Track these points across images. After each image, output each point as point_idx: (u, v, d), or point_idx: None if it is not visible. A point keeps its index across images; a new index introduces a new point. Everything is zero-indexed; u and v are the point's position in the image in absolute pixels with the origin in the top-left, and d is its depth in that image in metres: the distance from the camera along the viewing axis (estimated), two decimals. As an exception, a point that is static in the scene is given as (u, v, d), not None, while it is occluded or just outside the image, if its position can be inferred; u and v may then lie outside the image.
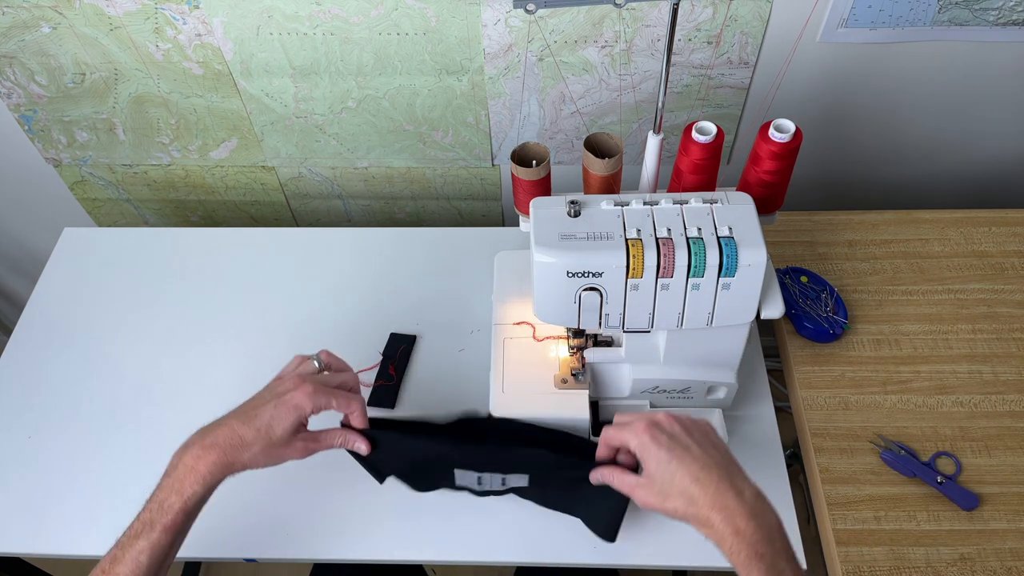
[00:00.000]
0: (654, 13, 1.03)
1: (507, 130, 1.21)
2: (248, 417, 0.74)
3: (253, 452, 0.73)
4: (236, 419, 0.74)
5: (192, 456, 0.72)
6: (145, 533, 0.70)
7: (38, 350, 1.08)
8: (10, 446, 0.99)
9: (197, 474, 0.71)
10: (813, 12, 1.02)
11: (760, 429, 0.96)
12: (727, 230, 0.73)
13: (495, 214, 1.40)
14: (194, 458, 0.72)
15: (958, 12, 1.01)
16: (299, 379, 0.76)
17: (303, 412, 0.74)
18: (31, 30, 1.10)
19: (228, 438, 0.73)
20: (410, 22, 1.05)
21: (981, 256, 1.09)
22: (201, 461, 0.72)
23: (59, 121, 1.25)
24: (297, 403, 0.74)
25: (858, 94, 1.15)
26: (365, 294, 1.12)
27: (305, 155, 1.28)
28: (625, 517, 0.81)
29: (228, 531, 0.89)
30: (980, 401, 0.95)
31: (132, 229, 1.22)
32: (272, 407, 0.74)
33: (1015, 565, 0.84)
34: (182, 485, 0.71)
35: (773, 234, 1.12)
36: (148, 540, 0.69)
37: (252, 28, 1.07)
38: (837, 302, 1.03)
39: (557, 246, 0.73)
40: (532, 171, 0.82)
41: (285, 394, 0.75)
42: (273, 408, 0.74)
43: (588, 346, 0.89)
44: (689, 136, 0.80)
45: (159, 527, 0.70)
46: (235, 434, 0.73)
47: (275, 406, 0.74)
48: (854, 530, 0.87)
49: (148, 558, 0.69)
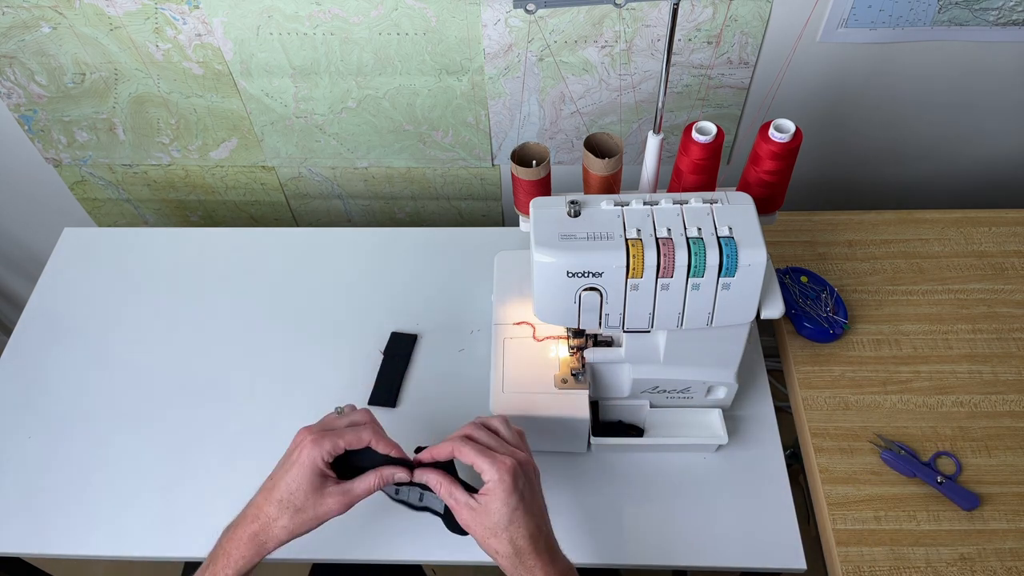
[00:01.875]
0: (654, 13, 1.03)
1: (507, 130, 1.21)
2: (267, 491, 0.73)
3: (282, 525, 0.71)
4: (260, 497, 0.73)
5: (228, 539, 0.72)
6: None
7: (38, 350, 1.08)
8: (10, 446, 0.99)
9: (230, 558, 0.71)
10: (813, 12, 1.02)
11: (760, 429, 0.96)
12: (727, 230, 0.73)
13: (495, 214, 1.40)
14: (228, 540, 0.72)
15: (958, 12, 1.01)
16: (303, 434, 0.74)
17: (316, 465, 0.71)
18: (31, 30, 1.10)
19: (254, 518, 0.72)
20: (410, 22, 1.05)
21: (981, 256, 1.09)
22: (233, 544, 0.72)
23: (59, 121, 1.25)
24: (305, 459, 0.71)
25: (858, 94, 1.15)
26: (365, 294, 1.12)
27: (305, 155, 1.28)
28: (625, 517, 0.81)
29: (228, 531, 0.89)
30: (980, 401, 0.95)
31: (132, 229, 1.22)
32: (285, 473, 0.72)
33: (1015, 565, 0.84)
34: (216, 568, 0.71)
35: (773, 234, 1.11)
36: None
37: (252, 28, 1.07)
38: (837, 302, 1.03)
39: (557, 246, 0.73)
40: (532, 171, 0.82)
41: (293, 454, 0.73)
42: (286, 474, 0.72)
43: (588, 346, 0.89)
44: (689, 136, 0.80)
45: None
46: (260, 513, 0.72)
47: (287, 471, 0.72)
48: (854, 530, 0.87)
49: None
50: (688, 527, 0.89)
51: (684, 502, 0.91)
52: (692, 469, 0.93)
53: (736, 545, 0.87)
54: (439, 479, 0.73)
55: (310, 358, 1.05)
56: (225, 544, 0.72)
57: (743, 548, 0.87)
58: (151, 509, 0.93)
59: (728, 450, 0.94)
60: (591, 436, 0.91)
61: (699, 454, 0.94)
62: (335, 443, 0.72)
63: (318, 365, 1.04)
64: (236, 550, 0.71)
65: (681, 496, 0.91)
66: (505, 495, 0.69)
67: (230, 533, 0.73)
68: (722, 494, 0.91)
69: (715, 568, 0.87)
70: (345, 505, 0.73)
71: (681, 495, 0.91)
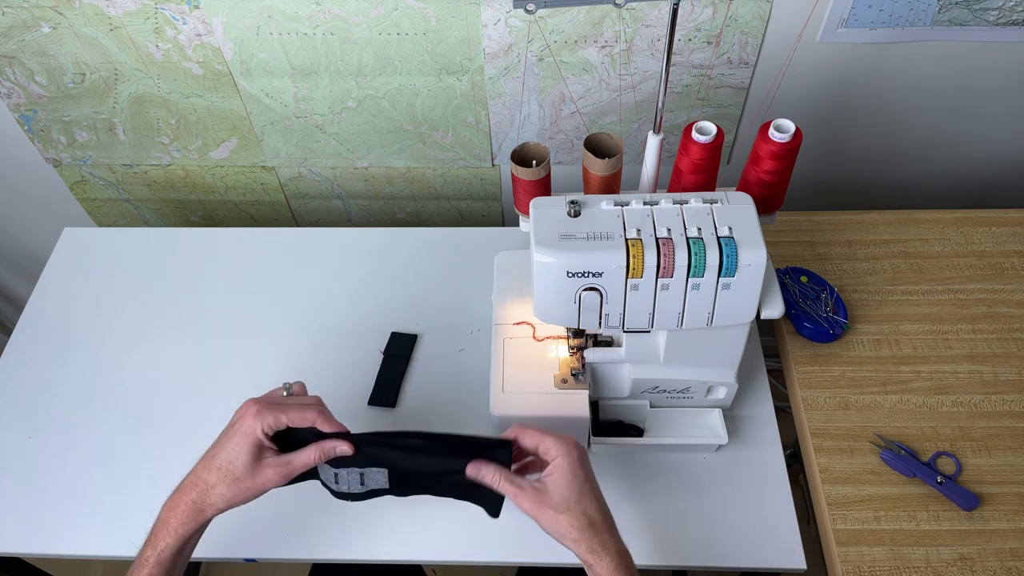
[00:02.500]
0: (654, 13, 1.03)
1: (507, 130, 1.21)
2: (208, 459, 0.73)
3: (220, 493, 0.72)
4: (200, 464, 0.74)
5: (166, 509, 0.73)
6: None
7: (38, 350, 1.08)
8: (10, 446, 0.99)
9: (168, 527, 0.72)
10: (813, 12, 1.02)
11: (760, 429, 0.96)
12: (727, 230, 0.73)
13: (495, 214, 1.40)
14: (167, 510, 0.73)
15: (958, 12, 1.01)
16: (247, 405, 0.74)
17: (256, 435, 0.72)
18: (31, 30, 1.10)
19: (192, 485, 0.73)
20: (410, 22, 1.05)
21: (981, 256, 1.09)
22: (172, 513, 0.72)
23: (59, 121, 1.25)
24: (246, 428, 0.72)
25: (858, 94, 1.15)
26: (365, 294, 1.12)
27: (305, 155, 1.28)
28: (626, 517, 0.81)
29: (228, 531, 0.89)
30: (980, 401, 0.95)
31: (132, 229, 1.22)
32: (226, 441, 0.73)
33: (1015, 565, 0.84)
34: (156, 538, 0.72)
35: (773, 234, 1.12)
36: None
37: (252, 28, 1.07)
38: (837, 302, 1.03)
39: (557, 246, 0.73)
40: (532, 171, 0.82)
41: (235, 424, 0.74)
42: (227, 443, 0.73)
43: (588, 346, 0.89)
44: (689, 136, 0.80)
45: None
46: (199, 480, 0.73)
47: (228, 440, 0.73)
48: (854, 530, 0.87)
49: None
50: (688, 527, 0.89)
51: (684, 502, 0.91)
52: (692, 469, 0.93)
53: (736, 545, 0.88)
54: (495, 470, 0.72)
55: (310, 358, 1.05)
56: (165, 515, 0.73)
57: (743, 548, 0.87)
58: (151, 509, 0.93)
59: (728, 450, 0.94)
60: (591, 436, 0.91)
61: (699, 454, 0.94)
62: (277, 417, 0.73)
63: (318, 365, 1.04)
64: (175, 519, 0.72)
65: (681, 496, 0.91)
66: (574, 468, 0.70)
67: (170, 503, 0.73)
68: (722, 494, 0.91)
69: (715, 568, 0.87)
70: (283, 476, 0.73)
71: (681, 495, 0.91)
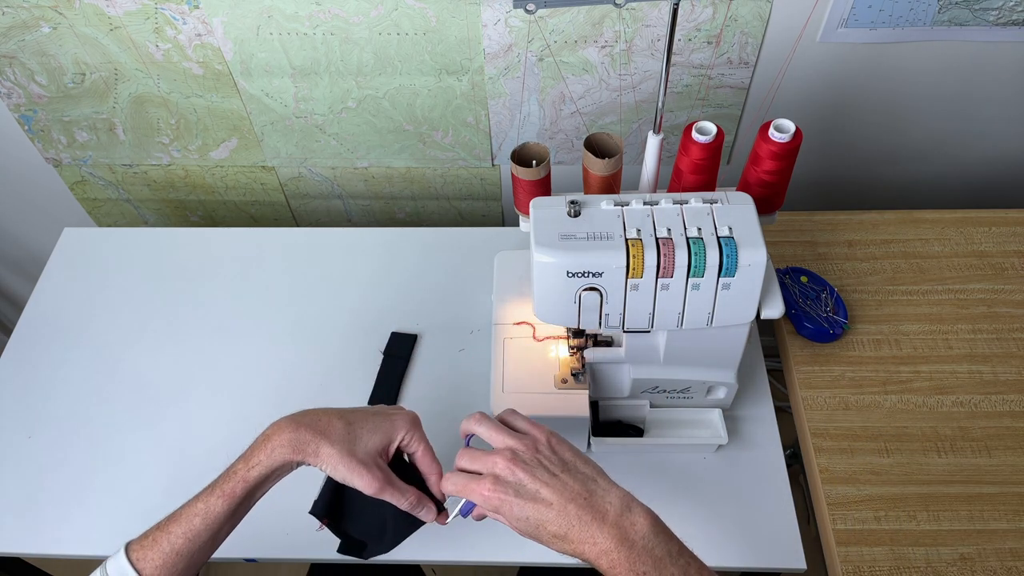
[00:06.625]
0: (654, 13, 1.03)
1: (507, 130, 1.21)
2: (346, 415, 0.70)
3: (332, 450, 0.67)
4: (335, 412, 0.71)
5: (274, 427, 0.69)
6: (204, 496, 0.68)
7: (38, 350, 1.08)
8: (10, 446, 0.99)
9: (269, 444, 0.68)
10: (813, 12, 1.02)
11: (760, 429, 0.96)
12: (727, 230, 0.73)
13: (495, 214, 1.40)
14: (275, 428, 0.69)
15: (958, 12, 1.01)
16: (408, 411, 0.73)
17: (394, 433, 0.70)
18: (31, 30, 1.10)
19: (316, 421, 0.69)
20: (410, 22, 1.05)
21: (981, 256, 1.09)
22: (279, 433, 0.68)
23: (59, 121, 1.25)
24: (395, 423, 0.70)
25: (858, 94, 1.15)
26: (365, 294, 1.12)
27: (305, 155, 1.28)
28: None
29: (228, 531, 0.89)
30: (980, 401, 0.95)
31: (132, 229, 1.22)
32: (372, 415, 0.71)
33: (1015, 565, 0.84)
34: (252, 453, 0.68)
35: (773, 234, 1.12)
36: (205, 504, 0.68)
37: (252, 28, 1.07)
38: (837, 302, 1.03)
39: (557, 246, 0.73)
40: (532, 171, 0.82)
41: (389, 412, 0.72)
42: (372, 417, 0.70)
43: (588, 346, 0.89)
44: (689, 136, 0.80)
45: (218, 491, 0.68)
46: (327, 421, 0.69)
47: (374, 415, 0.71)
48: (854, 530, 0.87)
49: (201, 521, 0.67)
50: (688, 527, 0.89)
51: (684, 502, 0.91)
52: (692, 469, 0.93)
53: (736, 545, 0.87)
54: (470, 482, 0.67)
55: (310, 358, 1.05)
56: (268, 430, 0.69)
57: (743, 548, 0.87)
58: (152, 509, 0.93)
59: (728, 450, 0.94)
60: (591, 436, 0.91)
61: (699, 454, 0.94)
62: (419, 445, 0.72)
63: (318, 365, 1.04)
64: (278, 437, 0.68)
65: (681, 496, 0.91)
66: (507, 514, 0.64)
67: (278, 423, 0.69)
68: (722, 494, 0.91)
69: (715, 568, 0.87)
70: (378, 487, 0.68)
71: (681, 495, 0.91)
